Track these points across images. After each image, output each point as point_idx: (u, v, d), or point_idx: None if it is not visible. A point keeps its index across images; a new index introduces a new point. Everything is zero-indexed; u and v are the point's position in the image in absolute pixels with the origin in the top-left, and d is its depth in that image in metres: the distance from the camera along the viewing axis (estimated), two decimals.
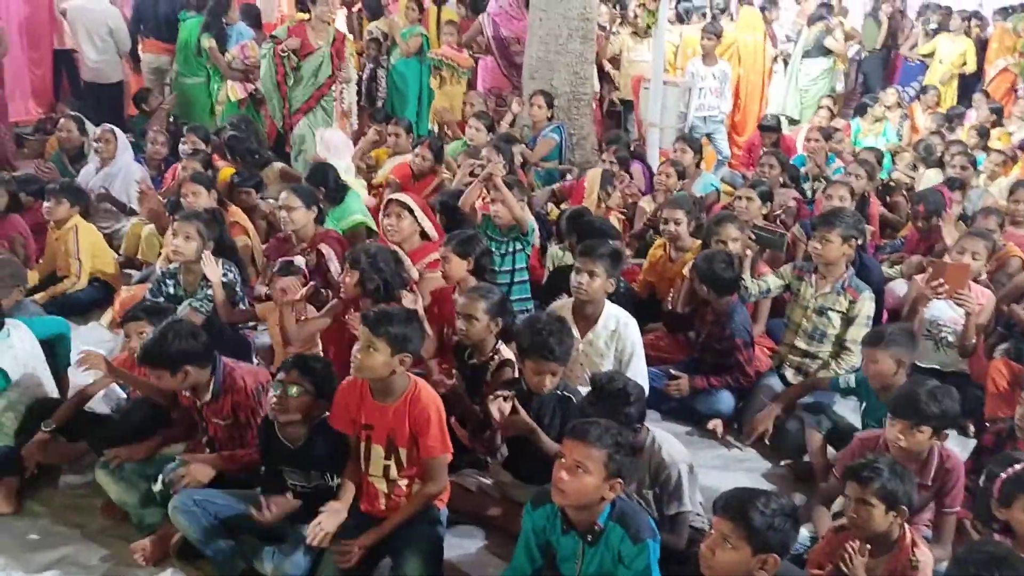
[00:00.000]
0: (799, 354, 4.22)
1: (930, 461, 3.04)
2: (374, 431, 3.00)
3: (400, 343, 2.90)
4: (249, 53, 7.31)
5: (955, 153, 6.87)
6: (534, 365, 3.23)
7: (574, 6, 6.64)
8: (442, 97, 8.30)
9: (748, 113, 9.02)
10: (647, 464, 3.08)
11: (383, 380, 2.96)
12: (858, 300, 4.08)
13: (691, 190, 6.04)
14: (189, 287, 4.33)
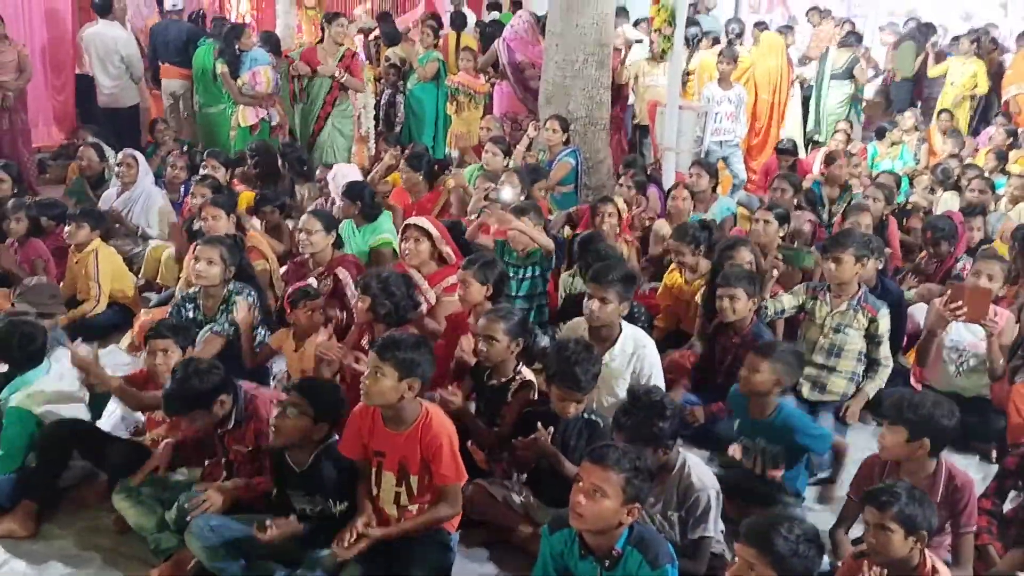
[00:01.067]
0: (816, 367, 4.21)
1: (937, 479, 3.04)
2: (386, 458, 3.00)
3: (407, 368, 2.89)
4: (260, 79, 7.36)
5: (972, 177, 6.85)
6: (559, 392, 3.25)
7: (589, 32, 6.68)
8: (459, 122, 8.36)
9: (768, 137, 9.01)
10: (675, 486, 3.06)
11: (393, 407, 2.95)
12: (878, 317, 4.10)
13: (708, 214, 6.05)
14: (208, 312, 4.33)
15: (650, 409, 3.00)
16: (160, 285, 5.71)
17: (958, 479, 3.05)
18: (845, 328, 4.09)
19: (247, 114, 7.52)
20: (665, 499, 3.06)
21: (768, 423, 3.50)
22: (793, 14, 12.13)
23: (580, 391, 3.24)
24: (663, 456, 3.03)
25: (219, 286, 4.28)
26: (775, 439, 3.49)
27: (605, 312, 3.78)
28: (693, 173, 6.39)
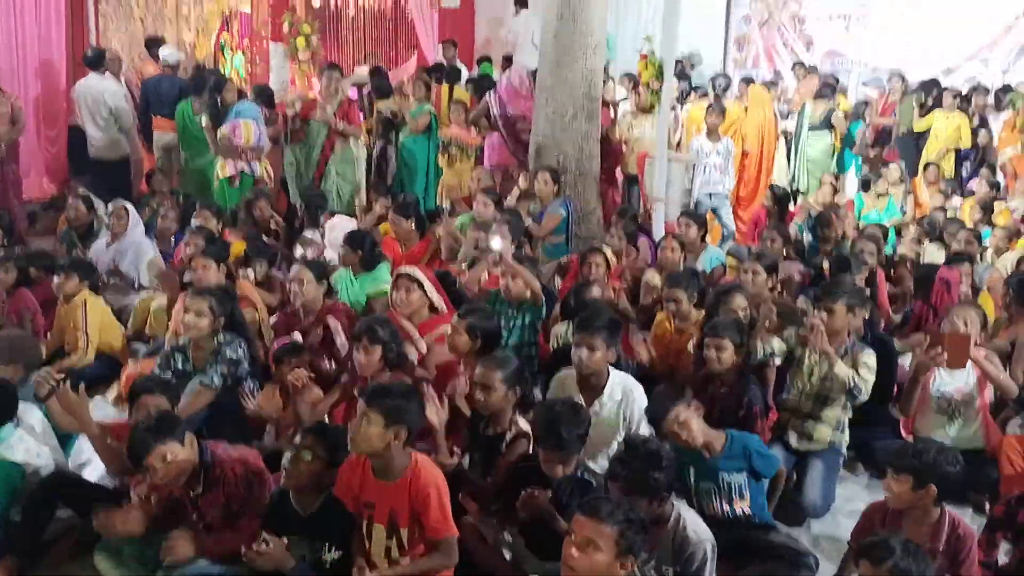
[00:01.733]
0: (802, 417, 4.19)
1: (940, 527, 3.03)
2: (375, 510, 2.97)
3: (394, 415, 2.87)
4: (240, 133, 7.39)
5: (957, 229, 6.93)
6: (545, 454, 3.22)
7: (579, 86, 6.78)
8: (450, 174, 8.44)
9: (756, 188, 9.09)
10: (670, 539, 3.02)
11: (381, 456, 2.93)
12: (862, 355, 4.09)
13: (697, 264, 6.08)
14: (198, 363, 4.28)
15: (646, 459, 2.97)
16: (149, 336, 5.68)
17: (961, 528, 3.05)
18: (832, 377, 4.08)
19: (225, 166, 7.57)
20: (660, 553, 3.02)
21: (724, 456, 3.52)
22: (779, 69, 12.35)
23: (564, 452, 3.20)
24: (658, 508, 3.00)
25: (208, 337, 4.25)
26: (735, 468, 3.52)
27: (594, 360, 3.78)
28: (682, 224, 6.44)
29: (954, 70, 11.12)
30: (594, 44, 6.74)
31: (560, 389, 3.95)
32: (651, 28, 8.94)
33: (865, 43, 11.95)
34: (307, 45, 9.42)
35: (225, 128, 7.43)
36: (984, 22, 10.96)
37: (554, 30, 6.72)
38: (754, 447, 3.58)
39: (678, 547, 3.01)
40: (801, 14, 12.34)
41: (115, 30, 10.23)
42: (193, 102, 8.02)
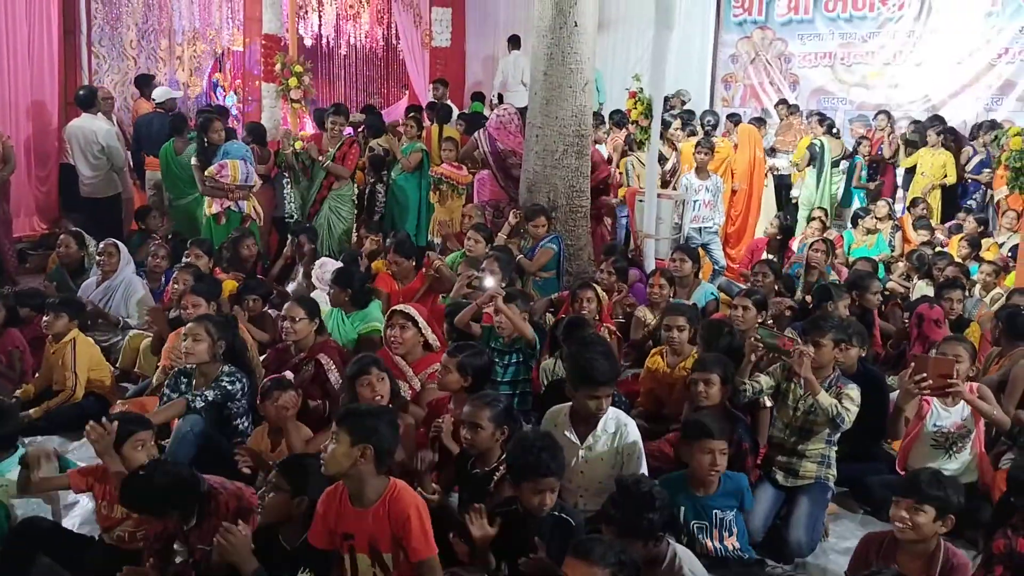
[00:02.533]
0: (787, 454, 4.18)
1: (936, 558, 3.03)
2: (355, 540, 2.93)
3: (360, 434, 2.86)
4: (227, 172, 7.42)
5: (945, 265, 6.98)
6: (532, 485, 3.16)
7: (569, 123, 6.84)
8: (442, 211, 8.47)
9: (745, 224, 9.16)
10: None
11: (353, 479, 2.90)
12: (845, 388, 4.09)
13: (690, 299, 6.09)
14: (198, 389, 4.30)
15: (639, 501, 2.95)
16: (138, 375, 5.64)
17: (956, 559, 3.06)
18: (817, 411, 4.07)
19: (212, 204, 7.59)
20: None
21: (720, 494, 3.57)
22: (765, 107, 12.52)
23: (553, 476, 3.15)
24: (653, 549, 2.97)
25: (211, 363, 4.26)
26: (728, 506, 3.55)
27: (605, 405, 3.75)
28: (676, 259, 6.45)
29: (939, 108, 11.28)
30: (583, 82, 6.81)
31: (552, 424, 3.90)
32: (640, 67, 9.04)
33: (850, 82, 12.13)
34: (299, 84, 9.49)
35: (212, 167, 7.47)
36: (967, 60, 11.14)
37: (544, 69, 6.79)
38: (745, 485, 3.63)
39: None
40: (787, 53, 12.53)
41: (108, 70, 10.29)
42: (175, 142, 8.07)
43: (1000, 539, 3.29)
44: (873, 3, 11.77)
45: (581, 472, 3.77)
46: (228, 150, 7.64)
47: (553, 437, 3.37)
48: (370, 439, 2.87)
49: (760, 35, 12.72)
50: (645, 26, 8.82)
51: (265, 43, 10.00)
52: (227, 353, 4.35)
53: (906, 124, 10.96)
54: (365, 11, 13.13)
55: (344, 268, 5.86)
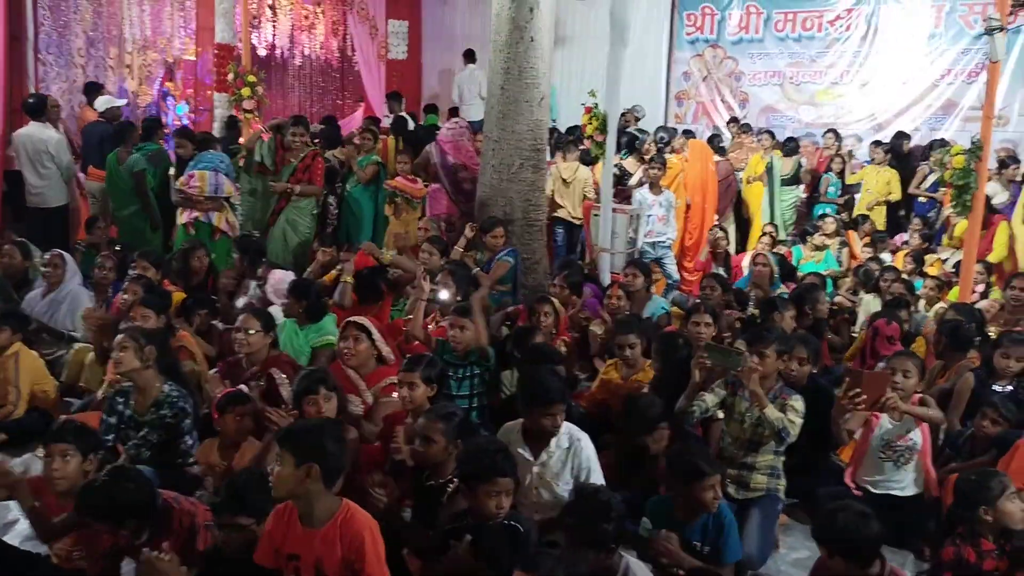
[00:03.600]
0: (737, 467, 4.22)
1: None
2: (301, 561, 2.85)
3: (303, 453, 2.78)
4: (195, 182, 7.33)
5: (891, 280, 7.15)
6: (488, 488, 3.14)
7: (525, 137, 6.88)
8: (397, 224, 8.42)
9: (701, 237, 9.27)
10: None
11: (301, 499, 2.84)
12: (790, 400, 4.14)
13: (643, 313, 6.14)
14: (140, 408, 4.16)
15: (596, 510, 2.96)
16: (83, 389, 5.51)
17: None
18: (763, 422, 4.10)
19: (181, 214, 7.49)
20: None
21: (701, 523, 3.50)
22: (717, 124, 12.71)
23: (508, 476, 3.15)
24: (606, 559, 2.98)
25: (143, 373, 4.12)
26: (709, 539, 3.50)
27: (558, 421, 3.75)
28: (629, 273, 6.51)
29: (884, 126, 11.57)
30: (539, 97, 6.86)
31: (506, 441, 3.89)
32: (595, 83, 9.12)
33: (799, 100, 12.38)
34: (252, 95, 9.40)
35: (183, 178, 7.38)
36: (912, 81, 11.45)
37: (501, 83, 6.82)
38: (730, 521, 3.54)
39: None
40: (738, 71, 12.76)
41: (55, 77, 10.10)
42: (119, 151, 7.93)
43: (949, 547, 3.38)
44: (821, 23, 12.05)
45: (536, 488, 3.77)
46: (201, 160, 7.55)
47: (501, 442, 3.40)
48: (314, 457, 2.79)
49: (712, 53, 12.94)
50: (600, 42, 8.89)
51: (218, 52, 9.90)
52: (163, 368, 4.22)
53: (852, 142, 11.23)
54: (320, 22, 13.08)
55: (300, 280, 5.80)
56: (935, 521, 4.09)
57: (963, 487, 3.46)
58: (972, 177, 6.24)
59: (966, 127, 10.69)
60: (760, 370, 4.06)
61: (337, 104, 13.73)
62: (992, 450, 4.28)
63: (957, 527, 3.45)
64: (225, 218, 7.54)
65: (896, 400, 4.07)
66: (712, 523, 3.51)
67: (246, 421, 4.05)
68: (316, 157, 7.73)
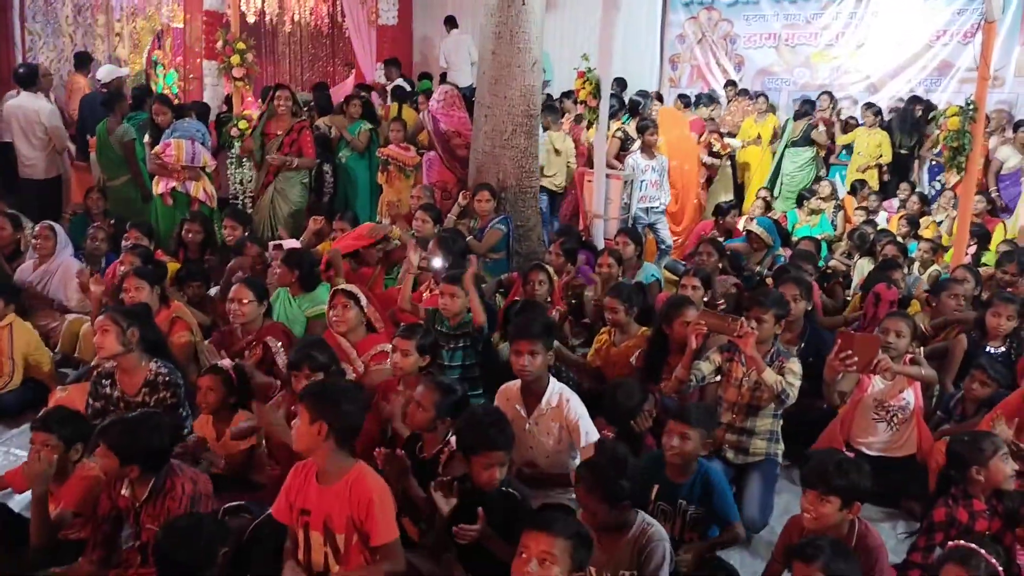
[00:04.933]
0: (736, 432, 4.25)
1: (849, 539, 3.05)
2: (311, 516, 2.92)
3: (317, 411, 2.85)
4: (171, 151, 7.27)
5: (886, 243, 7.15)
6: (483, 460, 3.18)
7: (517, 104, 6.82)
8: (390, 192, 8.40)
9: (686, 203, 9.25)
10: (631, 544, 3.02)
11: (318, 457, 2.90)
12: (787, 362, 4.16)
13: (634, 280, 6.14)
14: (128, 390, 4.09)
15: (614, 465, 2.98)
16: (78, 359, 5.52)
17: (869, 538, 3.08)
18: (761, 386, 4.14)
19: (157, 184, 7.43)
20: (618, 558, 3.03)
21: (689, 484, 3.52)
22: (712, 87, 12.62)
23: (501, 449, 3.18)
24: (619, 516, 3.01)
25: (128, 358, 4.06)
26: (694, 500, 3.53)
27: (535, 365, 3.81)
28: (620, 241, 6.50)
29: (879, 88, 11.51)
30: (531, 61, 6.79)
31: (504, 399, 3.97)
32: (588, 47, 9.03)
33: (794, 63, 12.29)
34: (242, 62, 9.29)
35: (159, 147, 7.31)
36: (906, 41, 11.36)
37: (492, 48, 6.75)
38: (718, 484, 3.54)
39: (640, 549, 3.00)
40: (733, 33, 12.65)
41: (43, 47, 9.98)
42: (109, 121, 7.86)
43: (941, 508, 3.40)
44: None
45: (531, 447, 3.84)
46: (177, 129, 7.48)
47: (501, 412, 3.40)
48: (326, 416, 2.85)
49: (706, 15, 12.80)
50: (593, 6, 8.78)
51: (206, 20, 9.78)
52: (147, 345, 4.15)
53: (848, 104, 11.17)
54: None
55: (293, 249, 5.78)
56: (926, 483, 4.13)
57: (956, 448, 3.47)
58: (967, 138, 6.21)
59: (962, 88, 10.62)
60: (756, 334, 4.07)
61: (328, 71, 13.60)
62: (982, 411, 4.31)
63: (949, 488, 3.48)
64: (203, 187, 7.48)
65: (888, 362, 4.10)
66: (700, 483, 3.53)
67: (210, 395, 3.98)
68: (303, 129, 7.67)
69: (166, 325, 4.86)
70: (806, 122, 10.12)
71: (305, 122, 7.91)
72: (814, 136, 10.05)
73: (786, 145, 10.14)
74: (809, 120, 10.14)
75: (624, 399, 4.02)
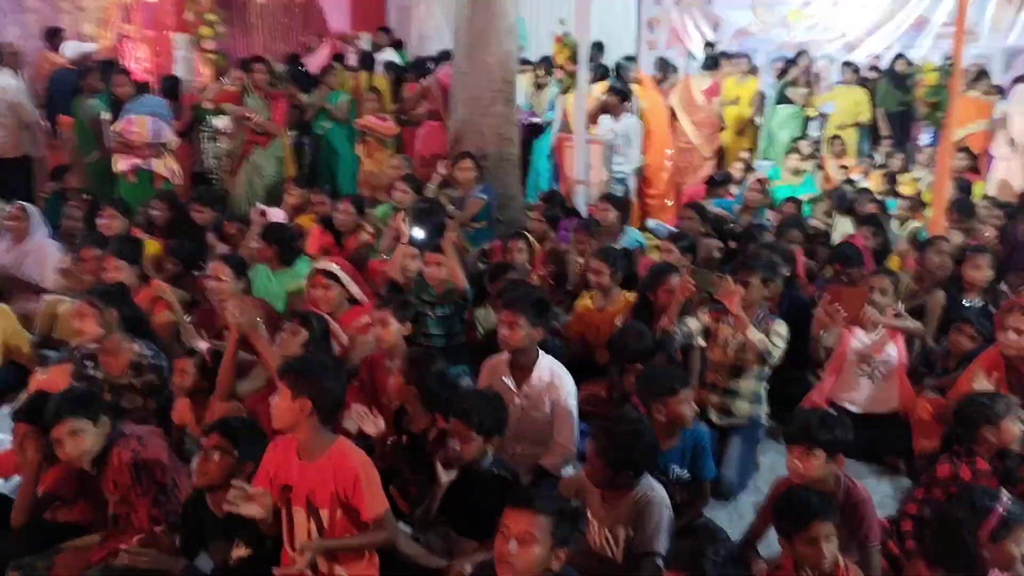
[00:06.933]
0: (719, 394, 4.28)
1: (836, 495, 3.08)
2: (293, 492, 2.89)
3: (299, 388, 2.81)
4: (134, 128, 7.13)
5: (866, 200, 7.17)
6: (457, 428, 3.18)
7: (495, 70, 6.75)
8: (369, 163, 8.32)
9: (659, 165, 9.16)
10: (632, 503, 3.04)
11: (299, 433, 2.86)
12: (773, 325, 4.17)
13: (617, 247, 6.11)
14: (113, 372, 4.04)
15: (633, 435, 3.01)
16: (57, 340, 5.45)
17: (855, 496, 3.11)
18: (747, 347, 4.15)
19: (119, 161, 7.31)
20: (617, 514, 3.06)
21: (677, 449, 3.54)
22: (690, 50, 12.53)
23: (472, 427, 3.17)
24: (624, 479, 3.03)
25: (110, 341, 4.01)
26: (682, 464, 3.55)
27: (518, 337, 3.76)
28: (601, 207, 6.46)
29: (856, 46, 11.46)
30: (507, 27, 6.72)
31: (491, 373, 3.94)
32: (565, 10, 8.92)
33: (771, 22, 12.21)
34: (213, 34, 9.14)
35: (119, 123, 7.16)
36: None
37: (468, 15, 6.67)
38: (704, 445, 3.58)
39: (639, 511, 3.02)
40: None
41: (9, 22, 9.76)
42: (80, 97, 7.71)
43: (946, 464, 3.41)
44: None
45: (519, 420, 3.80)
46: (141, 104, 7.34)
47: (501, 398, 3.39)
48: (308, 392, 2.82)
49: None
50: None
51: None
52: (128, 326, 4.09)
53: (824, 63, 11.13)
54: None
55: (271, 224, 5.72)
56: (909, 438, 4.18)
57: (967, 407, 3.46)
58: (944, 94, 6.22)
59: (938, 44, 10.60)
60: (741, 292, 4.07)
61: (301, 41, 13.39)
62: (965, 364, 4.34)
63: (952, 445, 3.50)
64: (164, 164, 7.36)
65: (875, 314, 4.12)
66: (690, 448, 3.55)
67: (185, 378, 3.90)
68: (278, 99, 7.58)
69: (147, 304, 4.80)
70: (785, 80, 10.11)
71: (280, 92, 7.80)
72: (789, 93, 10.01)
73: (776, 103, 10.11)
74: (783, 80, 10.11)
75: (634, 341, 4.01)
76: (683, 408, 3.48)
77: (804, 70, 10.38)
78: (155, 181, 7.28)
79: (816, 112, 10.30)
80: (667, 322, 4.21)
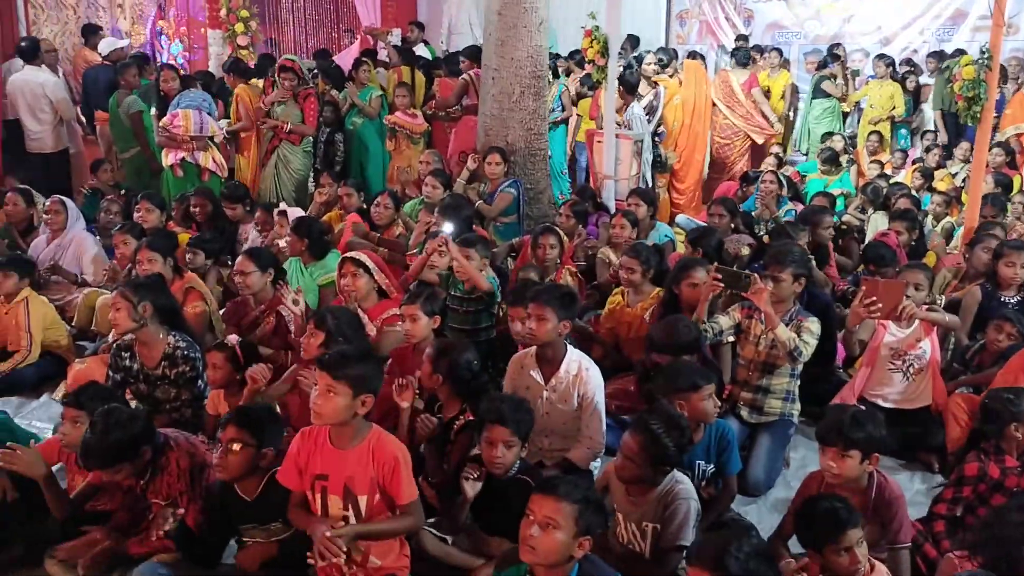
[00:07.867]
0: (751, 390, 4.25)
1: (869, 491, 3.06)
2: (329, 480, 2.90)
3: (361, 384, 2.83)
4: (179, 122, 7.25)
5: (899, 195, 7.08)
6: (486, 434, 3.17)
7: (525, 65, 6.74)
8: (399, 158, 8.36)
9: (691, 160, 9.16)
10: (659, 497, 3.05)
11: (345, 425, 2.88)
12: (805, 322, 4.13)
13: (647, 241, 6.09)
14: (149, 363, 4.08)
15: (672, 429, 3.01)
16: (95, 332, 5.56)
17: (887, 493, 3.07)
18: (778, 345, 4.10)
19: (167, 155, 7.42)
20: (644, 510, 3.06)
21: (701, 445, 3.53)
22: (722, 43, 12.43)
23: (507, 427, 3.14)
24: (658, 475, 3.04)
25: (144, 332, 4.03)
26: (708, 459, 3.54)
27: (542, 331, 3.73)
28: (631, 202, 6.44)
29: (891, 39, 11.31)
30: (538, 21, 6.70)
31: (518, 367, 3.94)
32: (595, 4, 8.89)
33: (804, 15, 12.08)
34: (246, 30, 9.23)
35: (166, 118, 7.30)
36: None
37: (498, 9, 6.66)
38: (729, 439, 3.58)
39: (666, 504, 3.03)
40: None
41: (47, 20, 9.93)
42: (119, 93, 7.86)
43: (974, 462, 3.38)
44: None
45: (546, 413, 3.81)
46: (183, 99, 7.46)
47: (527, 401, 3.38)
48: (369, 388, 2.86)
49: None
50: None
51: None
52: (163, 318, 4.11)
53: (859, 57, 10.98)
54: None
55: (302, 218, 5.78)
56: (942, 434, 4.13)
57: (994, 403, 3.43)
58: (982, 88, 6.10)
59: (975, 37, 10.42)
60: (769, 288, 4.04)
61: (333, 37, 13.48)
62: (1001, 363, 4.28)
63: (980, 442, 3.45)
64: (212, 157, 7.47)
65: (913, 307, 4.06)
66: (715, 443, 3.55)
67: (216, 372, 3.95)
68: (308, 97, 7.65)
69: (180, 295, 4.87)
70: (823, 73, 10.03)
71: (311, 90, 7.86)
72: (825, 87, 9.91)
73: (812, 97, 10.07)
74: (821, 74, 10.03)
75: (684, 332, 3.98)
76: (705, 404, 3.48)
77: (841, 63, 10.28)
78: (202, 174, 7.39)
79: (852, 107, 10.21)
80: (696, 318, 4.19)
